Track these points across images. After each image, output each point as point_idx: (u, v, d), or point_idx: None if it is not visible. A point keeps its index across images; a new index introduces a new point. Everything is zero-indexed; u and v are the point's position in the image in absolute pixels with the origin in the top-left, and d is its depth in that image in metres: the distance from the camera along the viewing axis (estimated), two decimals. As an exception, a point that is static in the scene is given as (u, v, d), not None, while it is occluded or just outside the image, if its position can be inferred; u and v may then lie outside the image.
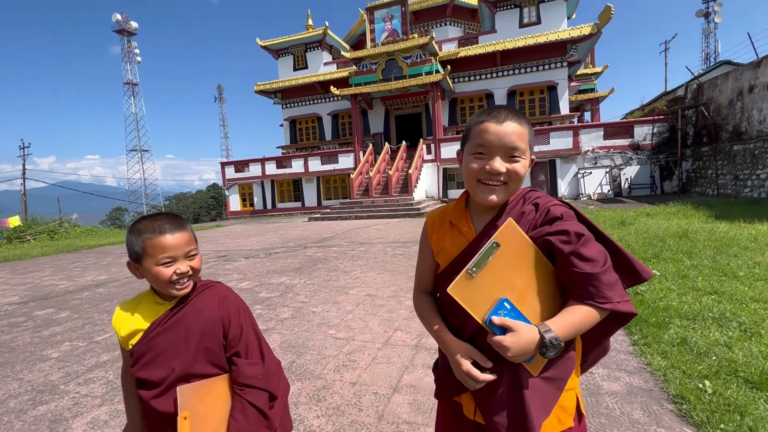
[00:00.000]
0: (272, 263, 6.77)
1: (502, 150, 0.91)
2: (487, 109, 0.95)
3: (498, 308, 0.85)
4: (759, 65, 11.87)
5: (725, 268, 4.30)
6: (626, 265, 0.92)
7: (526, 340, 0.81)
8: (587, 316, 0.84)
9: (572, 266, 0.85)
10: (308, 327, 3.55)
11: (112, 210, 67.69)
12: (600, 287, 0.84)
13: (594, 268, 0.84)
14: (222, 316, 1.08)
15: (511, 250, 0.88)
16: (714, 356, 2.45)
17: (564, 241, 0.86)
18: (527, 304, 0.88)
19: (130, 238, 1.04)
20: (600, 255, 0.86)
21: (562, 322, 0.83)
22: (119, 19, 52.32)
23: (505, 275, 0.87)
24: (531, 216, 0.93)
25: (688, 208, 9.45)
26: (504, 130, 0.90)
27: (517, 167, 0.91)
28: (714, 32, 40.82)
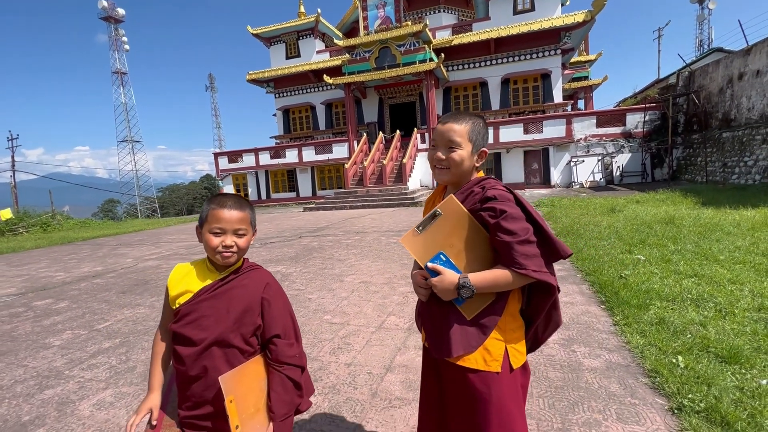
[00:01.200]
0: (268, 253, 6.85)
1: (443, 143, 1.20)
2: (443, 115, 1.28)
3: (435, 258, 1.14)
4: (749, 53, 11.97)
5: (707, 252, 4.46)
6: (548, 244, 1.12)
7: (447, 281, 1.10)
8: (503, 277, 1.07)
9: (495, 235, 1.08)
10: (304, 313, 3.66)
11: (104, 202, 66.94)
12: (516, 255, 1.05)
13: (512, 238, 1.06)
14: (264, 297, 1.19)
15: (451, 218, 1.15)
16: (689, 334, 2.60)
17: (491, 215, 1.10)
18: (462, 260, 1.14)
19: (203, 206, 1.20)
20: (521, 230, 1.07)
21: (480, 275, 1.09)
22: (105, 6, 50.91)
23: (445, 236, 1.15)
24: (477, 196, 1.16)
25: (676, 195, 9.63)
26: (444, 129, 1.20)
27: (453, 156, 1.19)
28: (708, 19, 40.73)
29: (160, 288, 4.95)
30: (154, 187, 61.91)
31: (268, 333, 1.19)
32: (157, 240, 10.10)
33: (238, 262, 1.23)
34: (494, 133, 17.44)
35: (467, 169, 1.22)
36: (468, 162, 1.21)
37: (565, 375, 2.29)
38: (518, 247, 1.05)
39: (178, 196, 66.86)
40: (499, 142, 17.42)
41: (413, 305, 3.67)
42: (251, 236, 1.24)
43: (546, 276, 1.08)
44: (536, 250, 1.09)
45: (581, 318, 3.11)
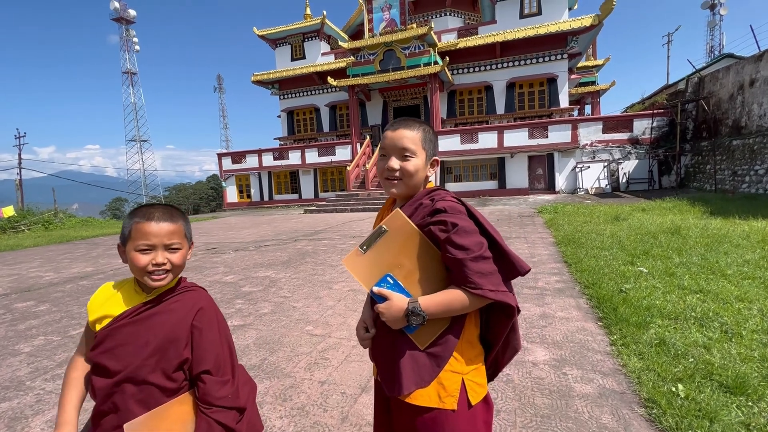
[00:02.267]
0: (260, 256, 6.72)
1: (395, 151, 1.08)
2: (392, 121, 1.13)
3: (382, 281, 1.01)
4: (761, 59, 11.66)
5: (714, 266, 4.23)
6: (505, 259, 1.01)
7: (396, 307, 0.97)
8: (457, 299, 0.95)
9: (447, 252, 0.96)
10: (286, 323, 3.50)
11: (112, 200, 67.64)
12: (470, 274, 0.93)
13: (465, 254, 0.94)
14: (194, 325, 1.03)
15: (399, 235, 1.02)
16: (691, 358, 2.39)
17: (441, 229, 0.98)
18: (413, 282, 1.01)
19: (124, 221, 1.05)
20: (475, 245, 0.95)
21: (431, 298, 0.96)
22: (117, 7, 51.65)
23: (392, 256, 1.02)
24: (426, 209, 1.04)
25: (684, 204, 9.36)
26: (396, 135, 1.07)
27: (408, 165, 1.06)
28: (719, 24, 40.20)
29: (145, 292, 4.82)
30: (161, 186, 62.47)
31: (197, 368, 1.02)
32: (154, 240, 10.02)
33: (173, 281, 1.07)
34: (498, 138, 17.23)
35: (420, 180, 1.11)
36: (422, 172, 1.09)
37: (553, 402, 2.10)
38: (472, 264, 0.94)
39: (184, 195, 67.31)
40: (503, 146, 17.20)
41: (400, 317, 3.50)
42: (187, 250, 1.08)
43: (504, 296, 0.96)
44: (492, 266, 0.97)
45: (576, 336, 2.91)
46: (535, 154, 17.19)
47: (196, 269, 5.98)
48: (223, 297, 4.39)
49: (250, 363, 2.74)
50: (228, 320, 3.63)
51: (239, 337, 3.22)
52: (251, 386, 1.17)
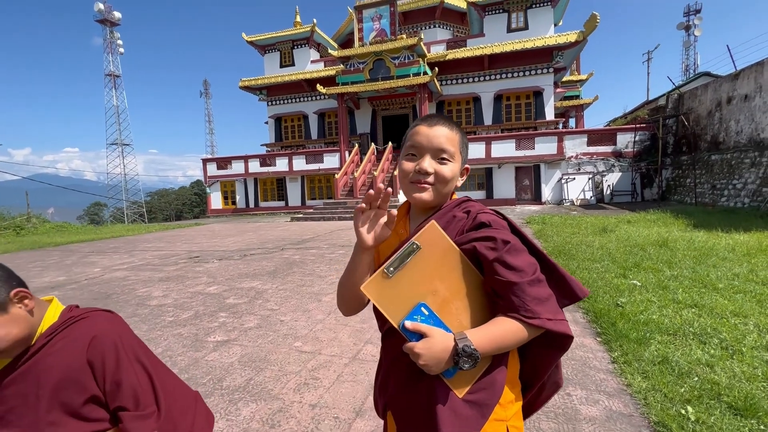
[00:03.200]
0: (246, 266, 6.48)
1: (431, 151, 0.92)
2: (424, 116, 0.97)
3: (414, 313, 0.81)
4: (737, 77, 12.13)
5: (705, 279, 4.25)
6: (560, 283, 0.87)
7: (439, 348, 0.76)
8: (511, 331, 0.79)
9: (496, 274, 0.81)
10: (273, 338, 3.31)
11: (90, 205, 65.54)
12: (525, 299, 0.79)
13: (520, 277, 0.80)
14: (90, 360, 0.86)
15: (434, 253, 0.84)
16: (696, 377, 2.33)
17: (489, 247, 0.83)
18: (450, 312, 0.83)
19: None
20: (528, 266, 0.83)
21: (481, 332, 0.79)
22: (101, 9, 50.67)
23: (425, 279, 0.83)
24: (462, 222, 0.90)
25: (667, 216, 9.53)
26: (434, 132, 0.92)
27: (444, 170, 0.91)
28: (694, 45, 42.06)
29: (122, 303, 4.55)
30: (142, 192, 60.83)
31: (111, 404, 0.87)
32: (133, 248, 9.63)
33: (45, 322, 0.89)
34: (486, 148, 17.40)
35: (451, 189, 0.96)
36: (455, 181, 0.96)
37: (560, 426, 1.99)
38: (529, 289, 0.80)
39: (167, 201, 65.78)
40: (491, 157, 17.36)
41: (394, 332, 3.36)
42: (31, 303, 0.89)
43: (564, 325, 0.82)
44: (549, 291, 0.84)
45: (576, 353, 2.83)
46: (522, 165, 17.40)
47: (177, 279, 5.71)
48: (206, 310, 4.17)
49: (234, 384, 2.55)
50: (211, 335, 3.42)
51: (223, 354, 3.02)
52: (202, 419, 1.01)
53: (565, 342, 0.85)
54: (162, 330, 3.61)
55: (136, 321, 3.88)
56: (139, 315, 4.07)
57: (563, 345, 0.86)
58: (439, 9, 21.87)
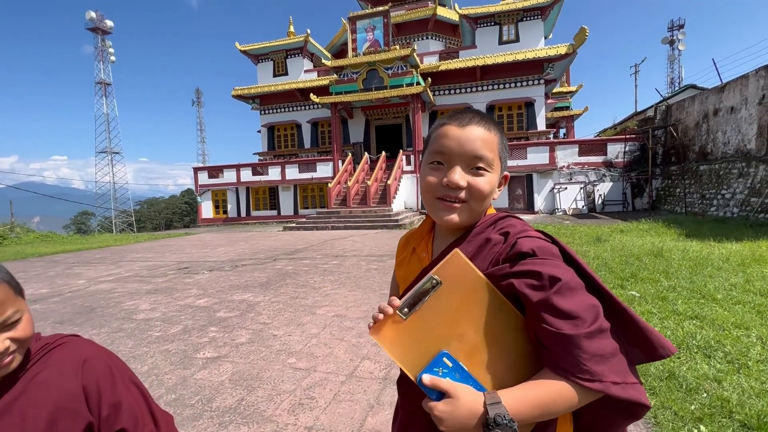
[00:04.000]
0: (237, 277, 6.32)
1: (463, 159, 0.74)
2: (452, 112, 0.78)
3: (435, 364, 0.65)
4: (723, 90, 12.42)
5: (702, 289, 4.22)
6: (633, 332, 0.65)
7: (464, 412, 0.59)
8: (561, 395, 0.60)
9: (543, 321, 0.62)
10: (266, 354, 3.18)
11: (78, 214, 64.34)
12: (582, 357, 0.59)
13: (576, 328, 0.60)
14: (85, 385, 0.77)
15: (459, 289, 0.67)
16: (705, 393, 2.26)
17: (532, 285, 0.63)
18: (483, 363, 0.66)
19: None
20: (587, 310, 0.62)
21: (519, 395, 0.60)
22: (93, 17, 50.46)
23: (449, 322, 0.67)
24: (497, 247, 0.71)
25: (659, 226, 9.61)
26: (467, 135, 0.73)
27: (481, 182, 0.74)
28: (678, 59, 43.29)
29: (107, 317, 4.36)
30: (131, 200, 59.94)
31: (109, 429, 0.78)
32: (120, 258, 9.38)
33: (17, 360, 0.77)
34: (479, 158, 17.49)
35: (488, 205, 0.79)
36: (493, 194, 0.78)
37: (569, 449, 1.89)
38: (587, 344, 0.60)
39: (156, 210, 64.92)
40: (483, 166, 17.46)
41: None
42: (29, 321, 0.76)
43: (636, 391, 0.61)
44: (614, 343, 0.62)
45: (580, 368, 2.74)
46: (515, 175, 17.52)
47: (166, 291, 5.53)
48: (195, 324, 4.01)
49: (225, 404, 2.41)
50: (201, 351, 3.27)
51: (213, 372, 2.87)
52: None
53: (638, 410, 0.64)
54: (148, 346, 3.44)
55: (121, 336, 3.71)
56: (125, 330, 3.90)
57: (635, 413, 0.65)
58: (431, 21, 22.18)
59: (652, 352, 0.65)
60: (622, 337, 0.65)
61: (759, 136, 10.68)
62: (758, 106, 10.73)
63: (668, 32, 43.04)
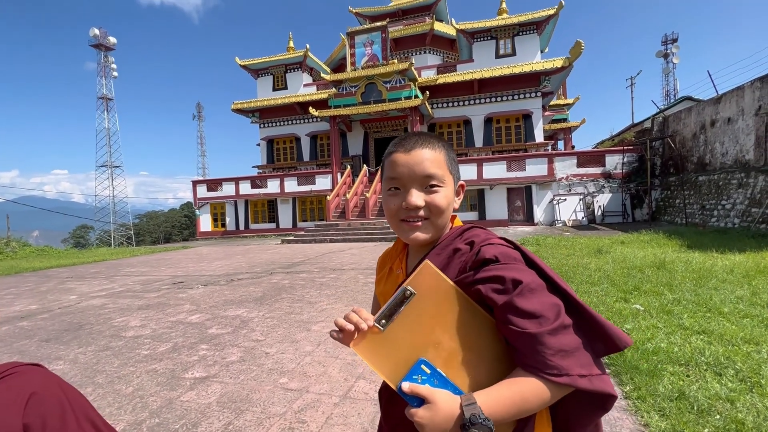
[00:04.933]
0: (232, 292, 6.19)
1: (416, 180, 0.79)
2: (397, 139, 0.84)
3: (414, 372, 0.68)
4: (719, 101, 12.49)
5: (708, 302, 4.11)
6: (593, 327, 0.69)
7: (443, 414, 0.62)
8: (533, 392, 0.63)
9: (508, 323, 0.66)
10: (257, 374, 3.05)
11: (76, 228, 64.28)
12: (547, 353, 0.63)
13: (538, 325, 0.64)
14: (27, 423, 0.68)
15: (432, 298, 0.71)
16: (718, 415, 2.14)
17: (496, 290, 0.68)
18: (460, 368, 0.69)
19: None
20: (548, 309, 0.66)
21: (493, 395, 0.63)
22: (97, 34, 51.33)
23: (424, 330, 0.70)
24: (464, 256, 0.76)
25: (660, 237, 9.52)
26: (414, 159, 0.79)
27: (437, 198, 0.79)
28: (673, 71, 43.89)
29: (95, 335, 4.23)
30: (131, 214, 59.89)
31: None
32: (115, 273, 9.24)
33: None
34: (478, 170, 17.51)
35: (449, 217, 0.84)
36: (452, 206, 0.83)
37: (576, 478, 1.76)
38: (551, 340, 0.63)
39: (156, 223, 64.88)
40: (482, 178, 17.45)
41: (388, 365, 3.12)
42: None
43: (601, 382, 0.64)
44: (577, 339, 0.66)
45: (585, 387, 2.62)
46: (514, 187, 17.50)
47: (158, 307, 5.39)
48: (185, 341, 3.88)
49: (211, 429, 2.28)
50: (189, 371, 3.14)
51: (200, 394, 2.74)
52: None
53: (607, 401, 0.67)
54: (135, 365, 3.31)
55: (107, 355, 3.58)
56: (112, 348, 3.77)
57: (604, 404, 0.68)
58: (429, 36, 22.51)
59: (611, 344, 0.69)
60: (585, 332, 0.68)
61: (757, 146, 10.69)
62: (755, 116, 10.77)
63: (662, 46, 43.76)
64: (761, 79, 10.64)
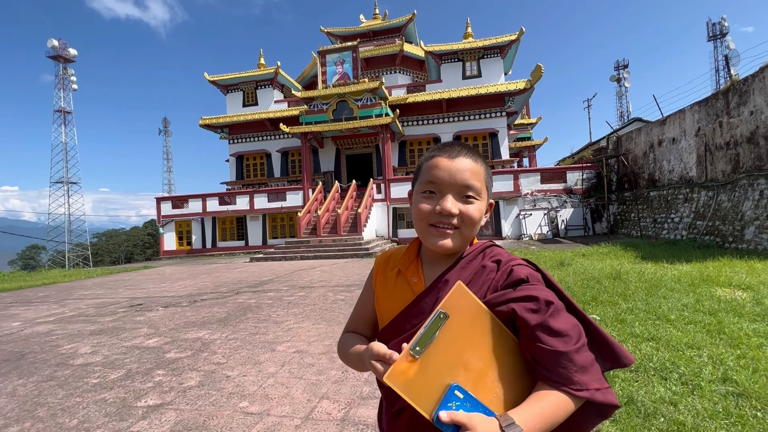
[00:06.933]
0: (194, 313, 5.94)
1: (455, 188, 0.80)
2: (440, 144, 0.85)
3: (448, 399, 0.66)
4: (665, 123, 13.55)
5: (657, 311, 4.36)
6: (602, 345, 0.76)
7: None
8: (561, 406, 0.67)
9: (539, 341, 0.70)
10: (216, 399, 2.92)
11: (26, 248, 59.87)
12: (572, 370, 0.69)
13: (566, 345, 0.69)
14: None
15: (463, 320, 0.70)
16: (662, 417, 2.26)
17: (530, 309, 0.71)
18: (488, 388, 0.70)
19: None
20: (573, 329, 0.72)
21: (528, 413, 0.65)
22: (56, 45, 49.19)
23: (456, 353, 0.69)
24: (492, 274, 0.79)
25: (617, 249, 10.04)
26: (457, 166, 0.80)
27: (471, 210, 0.80)
28: (625, 94, 47.29)
29: (38, 364, 3.92)
30: (89, 233, 56.46)
31: None
32: (66, 296, 8.64)
33: None
34: (448, 186, 17.90)
35: (476, 232, 0.86)
36: (482, 221, 0.85)
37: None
38: (575, 357, 0.69)
39: (116, 242, 61.54)
40: (452, 194, 17.85)
41: (353, 382, 3.09)
42: None
43: (611, 395, 0.71)
44: (592, 356, 0.72)
45: (543, 397, 2.70)
46: (482, 202, 17.99)
47: (112, 332, 5.09)
48: (140, 367, 3.67)
49: (161, 460, 2.16)
50: (142, 399, 2.97)
51: (153, 423, 2.59)
52: None
53: (609, 411, 0.73)
54: (82, 396, 3.09)
55: (51, 386, 3.32)
56: (57, 378, 3.50)
57: (605, 413, 0.74)
58: (399, 56, 23.20)
59: (617, 361, 0.76)
60: (594, 349, 0.74)
61: (698, 164, 11.62)
62: (695, 137, 11.74)
63: (615, 71, 47.20)
64: (699, 103, 11.67)
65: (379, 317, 0.92)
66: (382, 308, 0.90)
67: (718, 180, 10.64)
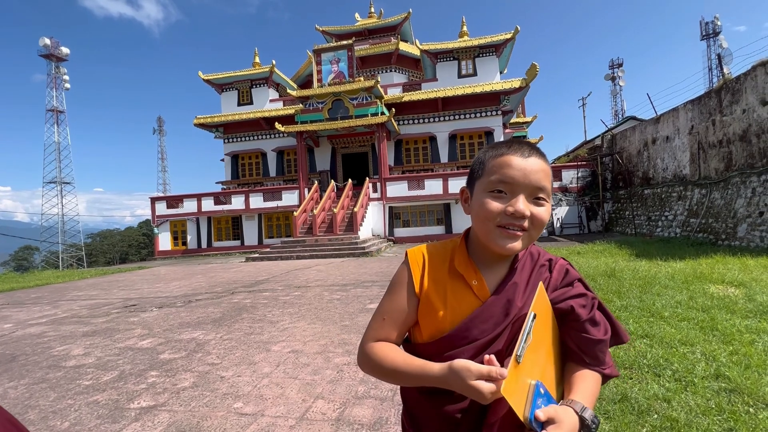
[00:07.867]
0: (189, 313, 5.90)
1: (528, 189, 0.77)
2: (503, 142, 0.83)
3: (536, 396, 0.69)
4: (658, 121, 13.63)
5: (651, 308, 4.39)
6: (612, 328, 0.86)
7: (570, 427, 0.67)
8: (598, 383, 0.80)
9: (585, 332, 0.79)
10: (210, 399, 2.90)
11: (19, 249, 59.26)
12: (605, 352, 0.81)
13: (604, 333, 0.81)
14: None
15: (541, 319, 0.76)
16: (655, 414, 2.27)
17: (583, 305, 0.80)
18: (548, 379, 0.76)
19: None
20: (602, 319, 0.83)
21: (587, 394, 0.75)
22: (48, 44, 48.60)
23: (537, 352, 0.74)
24: (545, 274, 0.85)
25: (612, 247, 10.10)
26: (531, 166, 0.77)
27: (542, 212, 0.79)
28: (620, 93, 47.54)
29: (30, 366, 3.88)
30: (83, 233, 55.95)
31: None
32: (60, 297, 8.56)
33: None
34: (444, 185, 17.95)
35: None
36: None
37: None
38: (606, 343, 0.82)
39: (111, 243, 61.09)
40: (448, 193, 17.89)
41: (348, 382, 3.08)
42: None
43: (617, 369, 0.89)
44: None
45: (538, 395, 2.70)
46: (478, 201, 18.04)
47: (105, 333, 5.04)
48: (133, 369, 3.64)
49: (153, 463, 2.14)
50: (135, 401, 2.95)
51: (146, 425, 2.57)
52: None
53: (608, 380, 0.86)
54: (74, 398, 3.06)
55: (43, 388, 3.29)
56: (49, 380, 3.47)
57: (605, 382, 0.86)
58: (394, 55, 23.15)
59: (618, 337, 0.86)
60: None
61: (692, 162, 11.71)
62: (689, 135, 11.83)
63: (610, 70, 47.43)
64: (692, 102, 11.75)
65: (423, 324, 0.84)
66: (433, 315, 0.82)
67: (712, 178, 10.73)
